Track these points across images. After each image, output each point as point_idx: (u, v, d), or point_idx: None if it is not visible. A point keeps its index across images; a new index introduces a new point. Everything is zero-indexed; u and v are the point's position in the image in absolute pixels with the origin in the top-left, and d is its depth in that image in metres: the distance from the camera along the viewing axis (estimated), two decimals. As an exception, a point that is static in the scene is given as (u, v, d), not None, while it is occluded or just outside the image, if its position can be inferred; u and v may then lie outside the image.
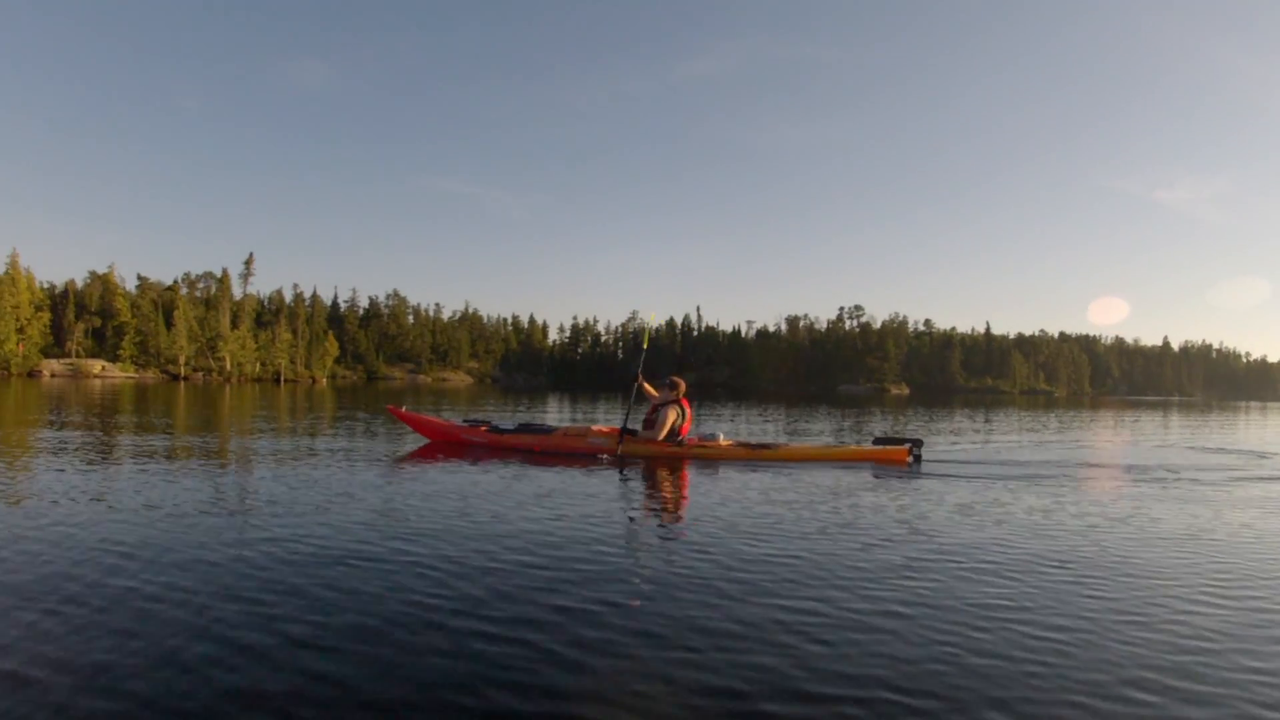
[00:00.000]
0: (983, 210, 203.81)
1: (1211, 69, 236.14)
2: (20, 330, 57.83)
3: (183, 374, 61.13)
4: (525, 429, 9.18)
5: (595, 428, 8.92)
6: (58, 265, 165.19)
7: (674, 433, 8.53)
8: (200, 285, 78.31)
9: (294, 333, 73.52)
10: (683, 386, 8.73)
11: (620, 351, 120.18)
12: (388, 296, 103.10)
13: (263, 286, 76.65)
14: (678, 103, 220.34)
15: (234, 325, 67.03)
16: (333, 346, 78.18)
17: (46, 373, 55.77)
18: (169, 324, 66.13)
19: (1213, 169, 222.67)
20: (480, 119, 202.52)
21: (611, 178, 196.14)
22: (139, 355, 63.44)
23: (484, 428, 9.25)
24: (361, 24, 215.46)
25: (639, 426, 8.72)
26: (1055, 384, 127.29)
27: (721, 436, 8.68)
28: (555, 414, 16.26)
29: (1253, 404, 73.78)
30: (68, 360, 59.19)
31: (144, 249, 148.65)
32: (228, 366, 64.47)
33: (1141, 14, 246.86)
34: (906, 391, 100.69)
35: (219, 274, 76.98)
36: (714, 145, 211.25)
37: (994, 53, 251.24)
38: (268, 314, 74.51)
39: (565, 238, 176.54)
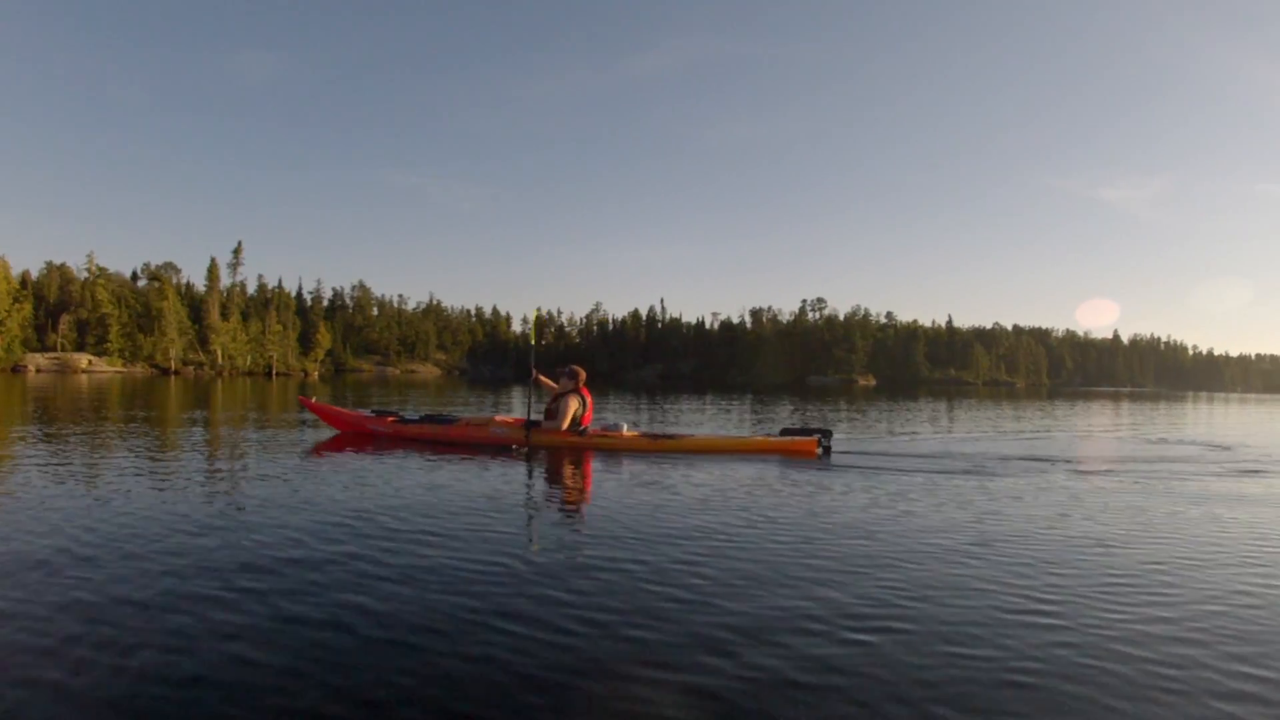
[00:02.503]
0: (938, 206, 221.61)
1: (1151, 71, 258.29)
2: (0, 323, 60.51)
3: (173, 368, 64.96)
4: (430, 419, 9.64)
5: (498, 418, 9.38)
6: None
7: (575, 422, 8.94)
8: (151, 277, 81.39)
9: (284, 325, 77.62)
10: (582, 375, 9.16)
11: (583, 343, 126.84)
12: (353, 288, 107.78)
13: (225, 278, 79.73)
14: (626, 97, 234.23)
15: (223, 316, 70.88)
16: (324, 338, 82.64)
17: (31, 368, 58.44)
18: (142, 316, 69.59)
19: (1151, 169, 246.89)
20: (428, 110, 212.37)
21: (564, 171, 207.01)
22: (128, 348, 66.89)
23: (391, 418, 9.70)
24: (309, 15, 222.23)
25: (540, 417, 9.24)
26: (1015, 375, 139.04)
27: (625, 427, 9.12)
28: (521, 405, 16.73)
29: (1200, 394, 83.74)
30: (53, 355, 62.39)
31: (92, 241, 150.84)
32: (219, 360, 68.42)
33: (1083, 18, 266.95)
34: (873, 383, 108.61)
35: (178, 265, 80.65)
36: (666, 139, 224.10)
37: (942, 50, 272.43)
38: (233, 305, 78.01)
39: (522, 230, 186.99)
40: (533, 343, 10.34)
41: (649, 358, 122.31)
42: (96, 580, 3.34)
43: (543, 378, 9.77)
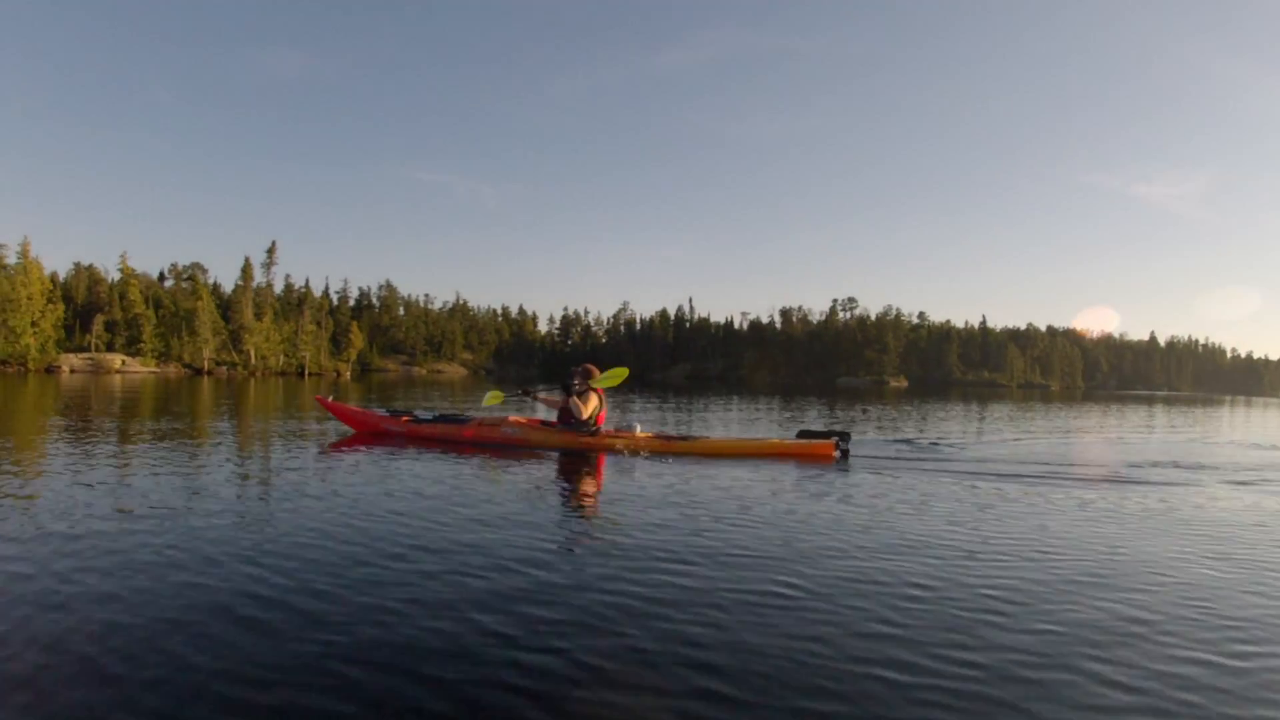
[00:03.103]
0: (970, 202, 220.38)
1: (1189, 67, 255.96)
2: (34, 324, 60.42)
3: (206, 368, 64.78)
4: (444, 419, 9.75)
5: (511, 418, 9.43)
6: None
7: (592, 419, 9.00)
8: (186, 277, 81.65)
9: (318, 324, 77.79)
10: (596, 374, 9.16)
11: (610, 343, 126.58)
12: (379, 287, 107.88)
13: (257, 278, 79.57)
14: (653, 92, 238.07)
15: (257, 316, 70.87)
16: (357, 338, 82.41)
17: (65, 368, 58.33)
18: (173, 316, 69.58)
19: (1191, 165, 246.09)
20: (454, 108, 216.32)
21: (592, 168, 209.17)
22: (162, 349, 66.71)
23: (405, 418, 9.83)
24: (334, 12, 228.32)
25: (554, 418, 9.37)
26: (1050, 378, 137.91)
27: (638, 427, 9.13)
28: (543, 407, 16.19)
29: (1239, 398, 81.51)
30: (87, 355, 62.21)
31: (116, 241, 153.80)
32: (252, 360, 68.23)
33: (1121, 11, 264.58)
34: (905, 384, 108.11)
35: (204, 266, 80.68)
36: (693, 135, 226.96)
37: (976, 43, 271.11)
38: (266, 305, 78.09)
39: (548, 228, 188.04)
40: (500, 401, 10.39)
41: (677, 358, 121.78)
42: (98, 579, 3.41)
43: (541, 395, 9.89)
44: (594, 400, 9.01)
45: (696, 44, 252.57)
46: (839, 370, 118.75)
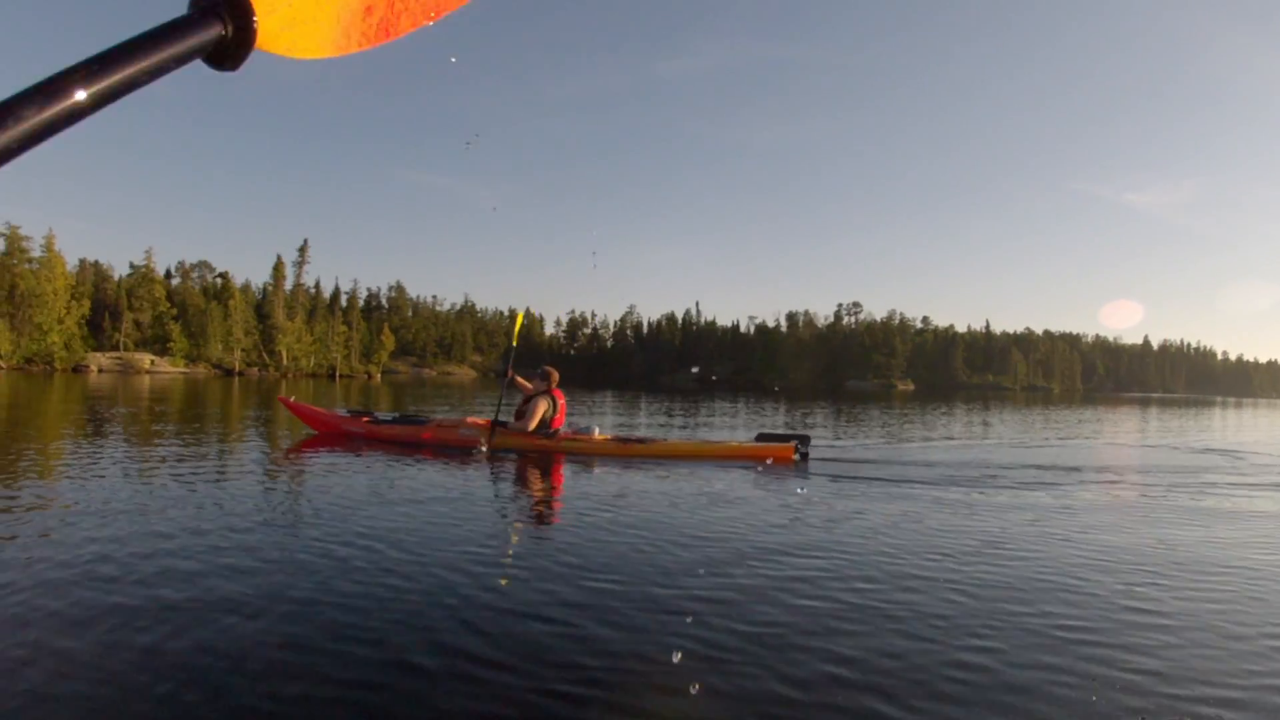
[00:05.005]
0: (971, 210, 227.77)
1: (1184, 71, 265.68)
2: (59, 321, 59.16)
3: (237, 369, 64.07)
4: (402, 420, 10.03)
5: (468, 420, 9.71)
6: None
7: (545, 424, 9.09)
8: (195, 275, 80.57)
9: (349, 326, 77.45)
10: (555, 377, 9.28)
11: (617, 346, 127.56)
12: (389, 288, 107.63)
13: (256, 278, 78.91)
14: (659, 99, 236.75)
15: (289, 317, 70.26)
16: (389, 340, 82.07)
17: (94, 367, 57.29)
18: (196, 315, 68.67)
19: (1182, 174, 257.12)
20: (459, 111, 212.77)
21: (597, 173, 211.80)
22: (191, 350, 65.90)
23: (365, 419, 10.05)
24: None
25: (510, 419, 9.41)
26: (1051, 380, 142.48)
27: (596, 430, 9.26)
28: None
29: (1229, 399, 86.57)
30: (115, 355, 61.13)
31: (117, 240, 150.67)
32: (284, 361, 67.76)
33: (1115, 18, 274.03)
34: (912, 388, 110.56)
35: (215, 265, 79.71)
36: (698, 142, 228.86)
37: (975, 57, 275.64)
38: (298, 306, 77.66)
39: (555, 232, 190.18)
40: (514, 344, 10.43)
41: (684, 361, 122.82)
42: (46, 587, 3.38)
43: (519, 379, 9.72)
44: (544, 405, 9.10)
45: (703, 52, 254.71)
46: (847, 374, 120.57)
